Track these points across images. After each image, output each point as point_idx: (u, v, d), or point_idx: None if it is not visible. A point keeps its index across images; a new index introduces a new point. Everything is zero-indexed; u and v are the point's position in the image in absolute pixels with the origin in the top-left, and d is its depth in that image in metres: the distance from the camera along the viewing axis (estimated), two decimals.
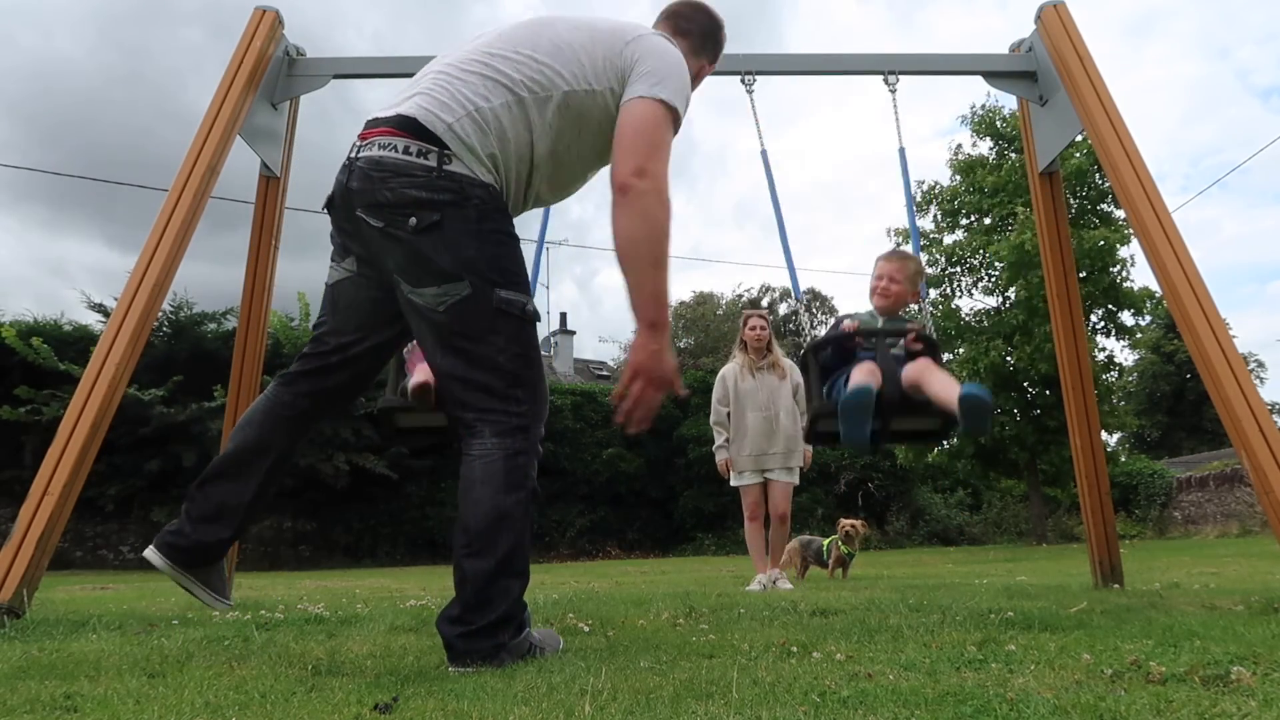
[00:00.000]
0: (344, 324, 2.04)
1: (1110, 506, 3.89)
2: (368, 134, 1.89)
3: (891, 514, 18.98)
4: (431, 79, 1.93)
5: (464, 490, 1.82)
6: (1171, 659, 1.59)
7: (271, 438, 2.04)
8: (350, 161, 1.89)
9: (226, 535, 2.06)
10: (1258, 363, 34.86)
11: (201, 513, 2.02)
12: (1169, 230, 3.07)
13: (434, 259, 1.80)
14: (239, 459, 2.03)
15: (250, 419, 2.06)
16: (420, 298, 1.83)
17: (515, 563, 1.80)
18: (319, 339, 2.07)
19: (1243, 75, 61.82)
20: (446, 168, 1.81)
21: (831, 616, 2.56)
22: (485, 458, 1.81)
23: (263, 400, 2.09)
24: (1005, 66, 3.88)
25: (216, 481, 2.03)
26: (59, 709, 1.36)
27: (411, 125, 1.84)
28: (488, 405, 1.83)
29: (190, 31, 41.89)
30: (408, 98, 1.92)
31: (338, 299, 2.04)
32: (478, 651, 1.74)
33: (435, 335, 1.86)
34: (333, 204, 1.96)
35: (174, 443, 13.38)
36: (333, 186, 1.95)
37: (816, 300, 30.00)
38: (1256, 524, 13.69)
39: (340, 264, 2.02)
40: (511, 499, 1.80)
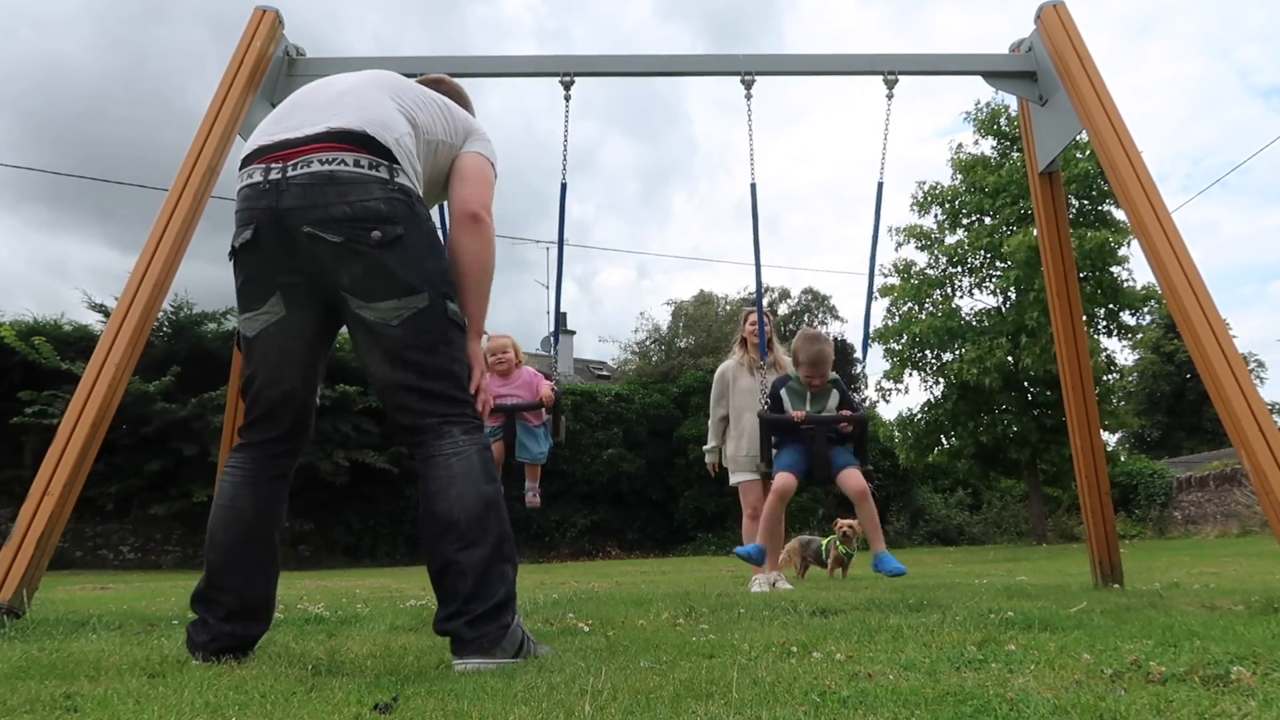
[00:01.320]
0: (280, 373, 1.93)
1: (1110, 506, 3.90)
2: (290, 154, 1.83)
3: (891, 514, 18.98)
4: (351, 98, 1.94)
5: (442, 489, 1.83)
6: (1171, 659, 1.59)
7: (266, 505, 1.96)
8: (275, 183, 1.81)
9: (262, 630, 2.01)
10: (1258, 363, 34.86)
11: (228, 610, 1.91)
12: (1169, 230, 3.07)
13: (397, 272, 1.82)
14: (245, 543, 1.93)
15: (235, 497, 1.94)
16: (373, 313, 1.83)
17: (505, 549, 1.85)
18: (259, 396, 1.95)
19: (1244, 75, 61.83)
20: (398, 180, 1.86)
21: (831, 616, 2.56)
22: (460, 454, 1.85)
23: (239, 474, 1.96)
24: (1005, 66, 3.88)
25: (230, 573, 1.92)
26: (59, 709, 1.36)
27: (359, 138, 1.84)
28: (448, 409, 1.89)
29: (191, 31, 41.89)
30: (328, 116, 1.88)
31: (266, 350, 1.92)
32: (486, 636, 1.76)
33: (386, 349, 1.86)
34: (256, 237, 1.85)
35: (175, 440, 13.39)
36: (247, 219, 1.86)
37: (816, 300, 29.99)
38: (1256, 524, 13.69)
39: (259, 312, 1.90)
40: (492, 488, 1.87)
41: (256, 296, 1.91)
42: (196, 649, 1.89)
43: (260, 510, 1.95)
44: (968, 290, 16.57)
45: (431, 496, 1.84)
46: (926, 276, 16.36)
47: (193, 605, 1.95)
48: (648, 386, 20.13)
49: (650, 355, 26.81)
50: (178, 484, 13.69)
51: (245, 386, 1.98)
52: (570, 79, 3.73)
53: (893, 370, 16.42)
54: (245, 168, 1.90)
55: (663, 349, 26.79)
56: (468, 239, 2.02)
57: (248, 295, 1.93)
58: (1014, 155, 15.52)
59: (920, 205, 16.54)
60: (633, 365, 26.60)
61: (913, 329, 15.77)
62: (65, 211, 42.06)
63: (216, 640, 1.89)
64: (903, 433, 16.83)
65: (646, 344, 27.44)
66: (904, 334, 15.98)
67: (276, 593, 2.03)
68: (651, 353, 26.93)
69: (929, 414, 16.39)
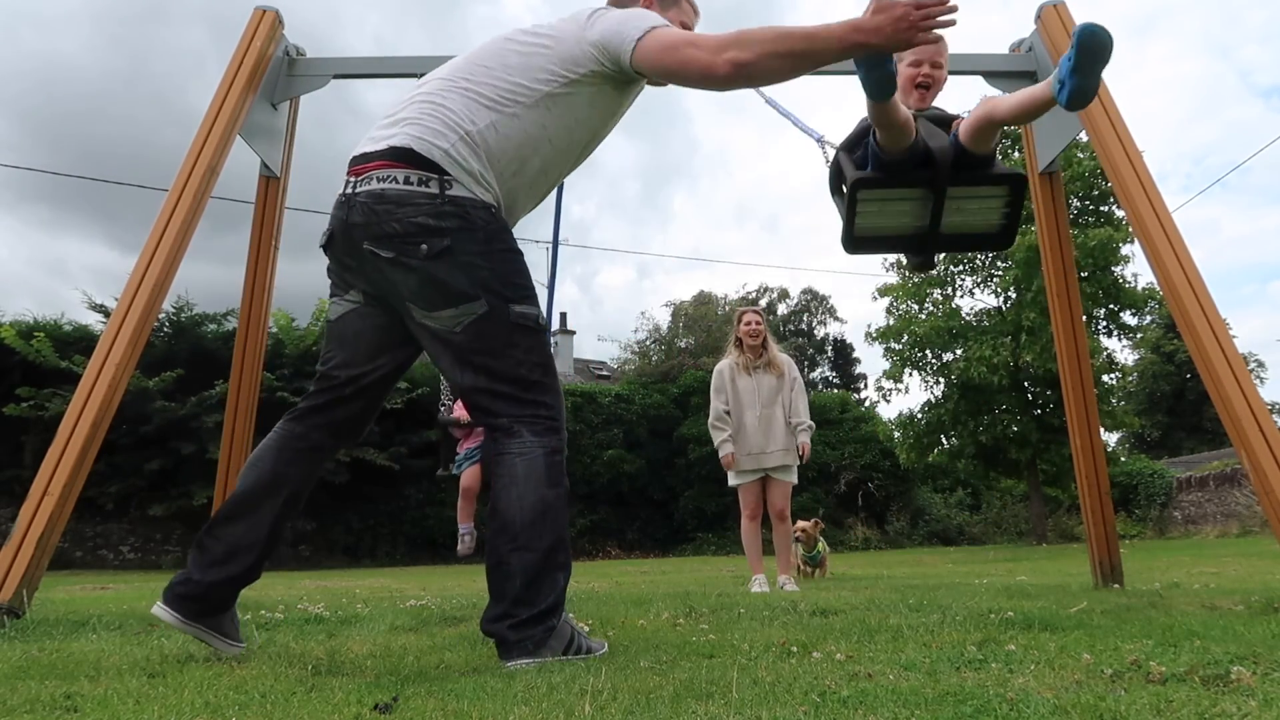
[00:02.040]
0: (355, 357, 2.02)
1: (1110, 506, 3.89)
2: (361, 169, 1.91)
3: (891, 514, 18.98)
4: (416, 108, 1.95)
5: (503, 488, 1.84)
6: (1171, 659, 1.59)
7: (285, 471, 1.97)
8: (348, 197, 1.91)
9: (237, 573, 1.94)
10: (1258, 363, 34.87)
11: (211, 558, 1.91)
12: (1169, 230, 3.07)
13: (449, 282, 1.84)
14: (251, 498, 1.95)
15: (261, 456, 1.99)
16: (435, 321, 1.88)
17: (559, 555, 1.85)
18: (328, 374, 2.03)
19: (1245, 75, 61.83)
20: (449, 193, 1.86)
21: (831, 616, 2.56)
22: (526, 455, 1.86)
23: (273, 437, 2.02)
24: (1005, 66, 3.88)
25: (227, 524, 1.94)
26: (59, 709, 1.36)
27: (407, 155, 1.87)
28: (519, 410, 1.89)
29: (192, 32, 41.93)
30: (394, 129, 1.93)
31: (344, 332, 2.02)
32: (530, 639, 1.77)
33: (454, 355, 1.90)
34: (332, 241, 1.97)
35: (174, 439, 13.39)
36: (329, 224, 1.97)
37: (815, 300, 29.98)
38: (1256, 524, 13.68)
39: (343, 298, 2.02)
40: (554, 493, 1.86)
41: (340, 286, 2.03)
42: (165, 594, 1.89)
43: (276, 474, 1.96)
44: (968, 290, 16.57)
45: (496, 495, 1.86)
46: (927, 276, 16.35)
47: (192, 549, 1.98)
48: (648, 386, 20.13)
49: (650, 355, 26.81)
50: (177, 483, 13.69)
51: (321, 363, 2.06)
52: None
53: (892, 370, 16.42)
54: (346, 174, 1.97)
55: (663, 349, 26.79)
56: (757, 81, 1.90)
57: (333, 284, 2.05)
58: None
59: None
60: (633, 365, 26.60)
61: (913, 329, 15.77)
62: (65, 212, 42.12)
63: (184, 584, 1.89)
64: (903, 432, 16.83)
65: (646, 344, 27.44)
66: (904, 334, 15.98)
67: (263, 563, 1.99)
68: (651, 353, 26.93)
69: (929, 414, 16.39)
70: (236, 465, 3.75)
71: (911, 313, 16.28)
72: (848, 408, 20.48)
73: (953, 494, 20.44)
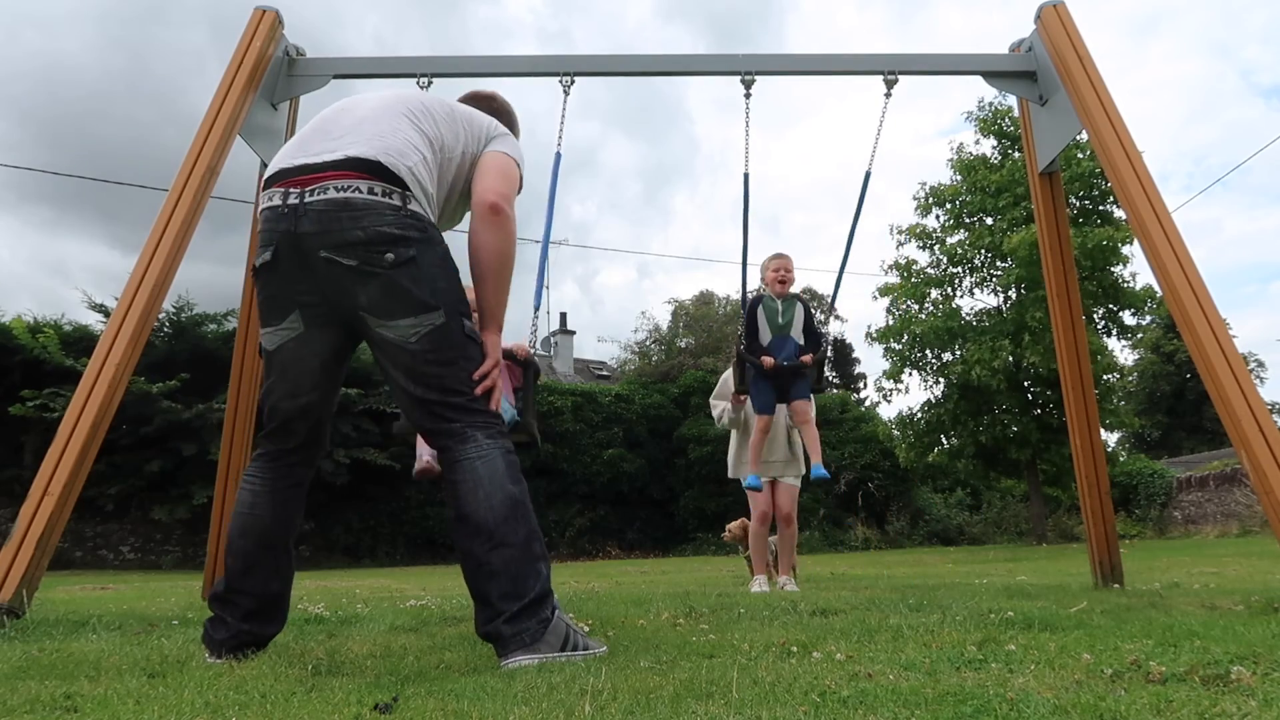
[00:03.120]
0: (298, 387, 1.99)
1: (1110, 506, 3.90)
2: (307, 179, 1.89)
3: (891, 514, 18.98)
4: (371, 126, 1.99)
5: (468, 492, 1.86)
6: (1171, 659, 1.59)
7: (282, 514, 2.02)
8: (293, 208, 1.87)
9: (277, 619, 2.05)
10: (1258, 363, 34.85)
11: (245, 611, 1.96)
12: (1169, 230, 3.07)
13: (412, 291, 1.88)
14: (262, 548, 1.98)
15: (254, 504, 1.99)
16: (392, 330, 1.89)
17: (535, 547, 1.88)
18: (276, 408, 2.01)
19: (1246, 74, 61.83)
20: (409, 207, 1.91)
21: (831, 616, 2.56)
22: (484, 457, 1.89)
23: (259, 482, 2.01)
24: (1005, 66, 3.88)
25: (247, 577, 1.97)
26: (59, 709, 1.36)
27: (374, 167, 1.90)
28: (469, 417, 1.93)
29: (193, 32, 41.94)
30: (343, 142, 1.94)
31: (285, 362, 1.98)
32: (526, 631, 1.78)
33: (407, 364, 1.92)
34: (276, 258, 1.91)
35: (175, 439, 13.39)
36: (267, 240, 1.91)
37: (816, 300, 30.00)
38: (1256, 524, 13.69)
39: (279, 327, 1.97)
40: (518, 489, 1.90)
41: (276, 313, 1.97)
42: (214, 645, 1.94)
43: (277, 519, 2.01)
44: (968, 290, 16.56)
45: (460, 499, 1.87)
46: (927, 275, 16.35)
47: (211, 605, 2.01)
48: (648, 386, 20.14)
49: (650, 355, 26.80)
50: (178, 484, 13.70)
51: (264, 398, 2.04)
52: (570, 79, 3.73)
53: (892, 370, 16.41)
54: (267, 189, 1.95)
55: (663, 349, 26.78)
56: (485, 231, 2.04)
57: (268, 311, 1.99)
58: (1015, 155, 15.52)
59: (923, 207, 16.52)
60: (633, 365, 26.60)
61: (913, 329, 15.76)
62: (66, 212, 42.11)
63: (234, 638, 1.95)
64: (902, 432, 16.81)
65: (647, 344, 27.43)
66: (904, 333, 15.96)
67: (291, 593, 2.10)
68: (651, 353, 26.92)
69: (929, 413, 16.38)
70: (236, 465, 3.75)
71: (911, 312, 16.27)
72: (848, 408, 20.48)
73: (953, 494, 20.43)
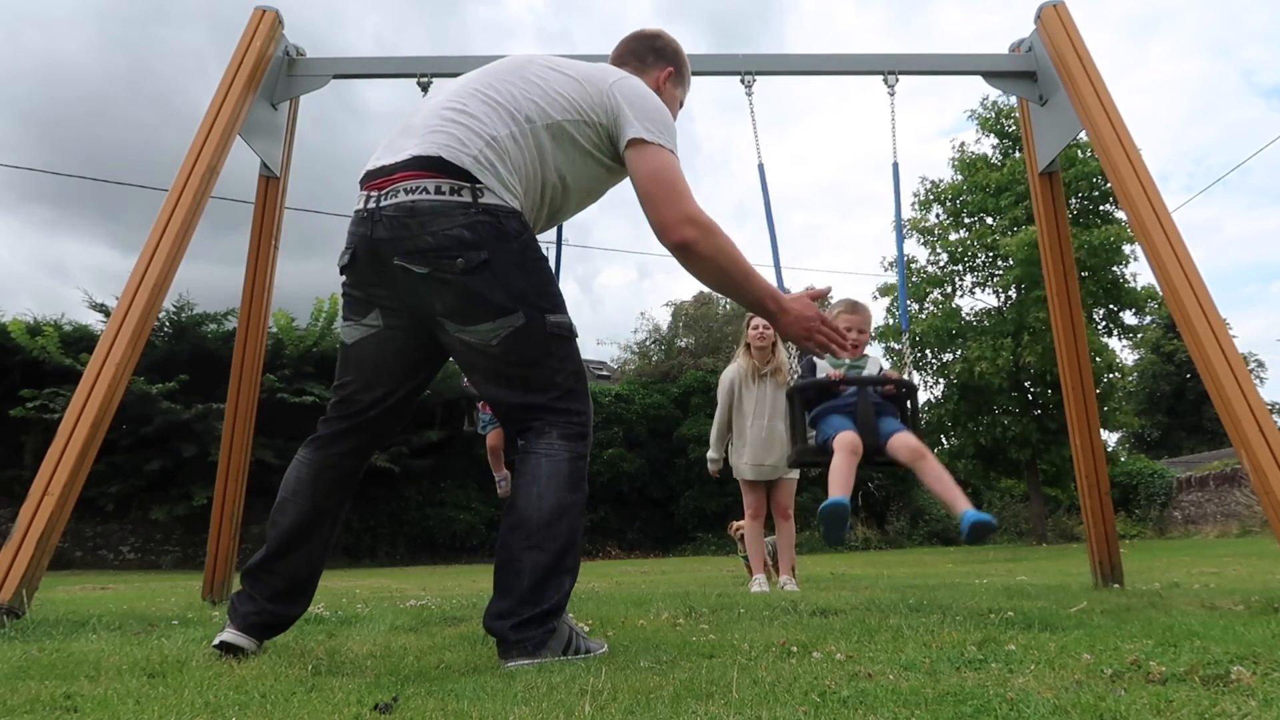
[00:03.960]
0: (374, 381, 1.97)
1: (1110, 506, 3.89)
2: (383, 182, 1.84)
3: (891, 514, 18.99)
4: (436, 117, 1.89)
5: (525, 485, 1.84)
6: (1171, 659, 1.58)
7: (325, 503, 1.97)
8: (370, 213, 1.83)
9: (304, 601, 2.02)
10: (1258, 363, 34.88)
11: (274, 590, 1.94)
12: (1169, 230, 3.07)
13: (488, 296, 1.81)
14: (299, 534, 1.95)
15: (297, 490, 1.96)
16: (472, 335, 1.84)
17: (569, 559, 1.85)
18: (348, 399, 1.98)
19: (1247, 74, 61.86)
20: (482, 201, 1.81)
21: (831, 616, 2.56)
22: (551, 456, 1.86)
23: (304, 469, 1.98)
24: (1005, 66, 3.88)
25: (281, 559, 1.95)
26: (59, 709, 1.36)
27: (437, 163, 1.81)
28: (550, 416, 1.89)
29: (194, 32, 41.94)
30: (414, 138, 1.87)
31: (363, 357, 1.96)
32: (530, 640, 1.77)
33: (489, 367, 1.88)
34: (355, 261, 1.89)
35: (175, 440, 13.39)
36: (349, 243, 1.90)
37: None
38: (1256, 524, 13.68)
39: (360, 321, 1.94)
40: (573, 498, 1.86)
41: (357, 309, 1.95)
42: (237, 618, 1.92)
43: (317, 507, 1.97)
44: (969, 289, 16.56)
45: (516, 491, 1.86)
46: (927, 275, 16.34)
47: (243, 579, 1.98)
48: (648, 386, 20.14)
49: (650, 355, 26.80)
50: (178, 484, 13.70)
51: (336, 389, 2.00)
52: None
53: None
54: (361, 190, 1.91)
55: (663, 349, 26.77)
56: (692, 270, 1.93)
57: (350, 306, 1.96)
58: (1016, 155, 15.51)
59: (922, 204, 16.52)
60: (633, 365, 26.59)
61: (913, 328, 15.76)
62: (67, 212, 42.14)
63: (259, 615, 1.93)
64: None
65: (647, 344, 27.43)
66: None
67: (319, 579, 2.06)
68: (651, 353, 26.92)
69: (929, 413, 16.38)
70: (236, 465, 3.75)
71: (911, 312, 16.27)
72: None
73: None
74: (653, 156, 1.91)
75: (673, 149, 1.96)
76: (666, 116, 2.00)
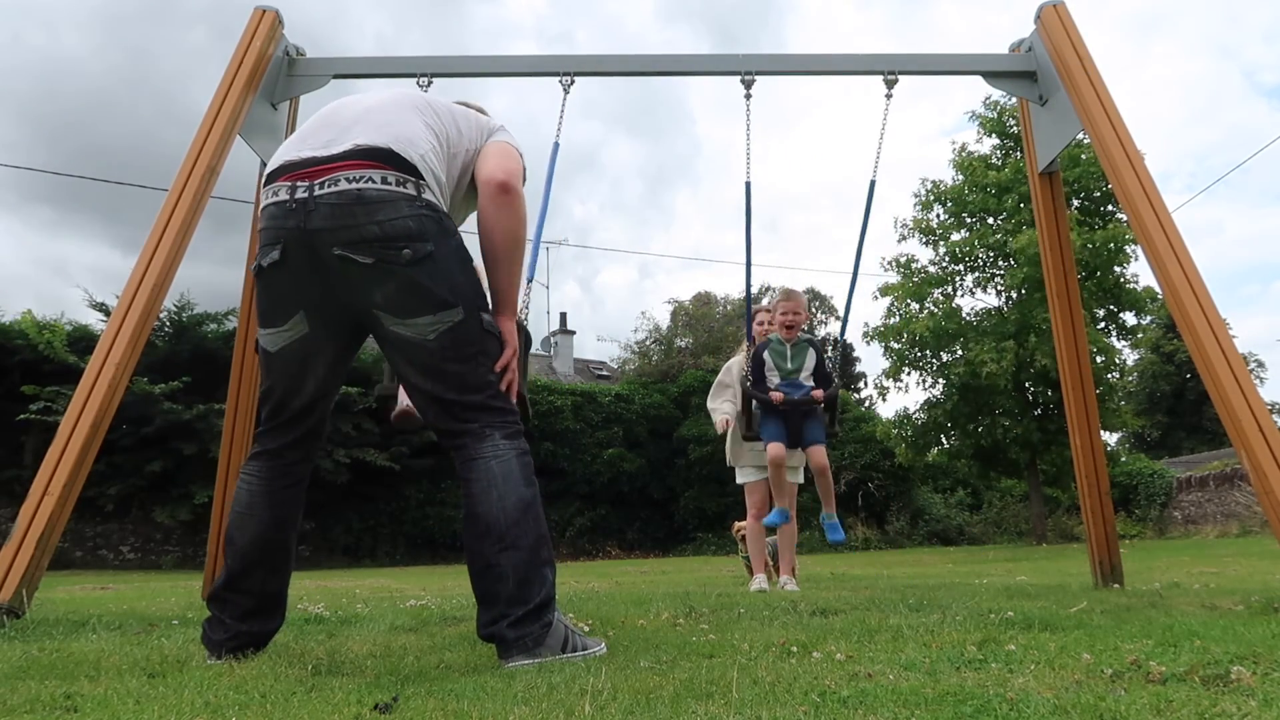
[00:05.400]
0: (300, 385, 1.95)
1: (1110, 506, 3.89)
2: (315, 171, 1.81)
3: (891, 514, 18.99)
4: (378, 115, 1.94)
5: (482, 491, 1.84)
6: (1171, 659, 1.59)
7: (281, 512, 1.98)
8: (301, 203, 1.79)
9: (276, 617, 2.01)
10: (1258, 363, 34.87)
11: (244, 610, 1.93)
12: (1169, 231, 3.07)
13: (431, 288, 1.82)
14: (259, 547, 1.94)
15: (252, 504, 1.95)
16: (409, 328, 1.84)
17: (544, 551, 1.86)
18: (280, 406, 1.97)
19: (1249, 74, 61.85)
20: (424, 196, 1.85)
21: (831, 616, 2.56)
22: (500, 457, 1.87)
23: (256, 481, 1.97)
24: (1005, 66, 3.88)
25: (246, 577, 1.93)
26: (59, 709, 1.36)
27: (386, 155, 1.83)
28: (489, 416, 1.90)
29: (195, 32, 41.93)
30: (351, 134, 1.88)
31: (288, 363, 1.93)
32: (529, 636, 1.77)
33: (425, 362, 1.87)
34: (285, 258, 1.82)
35: (175, 440, 13.39)
36: (273, 238, 1.83)
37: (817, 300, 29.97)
38: (1256, 524, 13.68)
39: (281, 329, 1.90)
40: (530, 491, 1.88)
41: (280, 314, 1.90)
42: (214, 646, 1.91)
43: (276, 517, 1.97)
44: (969, 289, 16.55)
45: (473, 499, 1.85)
46: (928, 275, 16.33)
47: (209, 604, 1.98)
48: (648, 386, 20.15)
49: (650, 355, 26.80)
50: (178, 484, 13.70)
51: (264, 398, 1.99)
52: (570, 79, 3.73)
53: (891, 369, 16.40)
54: (270, 184, 1.87)
55: (663, 349, 26.78)
56: (495, 211, 1.98)
57: (271, 312, 1.92)
58: (1016, 155, 15.51)
59: (924, 204, 16.51)
60: (633, 365, 26.59)
61: (913, 328, 15.75)
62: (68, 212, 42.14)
63: (233, 639, 1.92)
64: (900, 429, 16.78)
65: (647, 344, 27.43)
66: (904, 333, 15.95)
67: (289, 590, 2.07)
68: (651, 353, 26.91)
69: (928, 413, 16.37)
70: (236, 465, 3.75)
71: (911, 312, 16.25)
72: (848, 408, 20.48)
73: (953, 494, 20.44)
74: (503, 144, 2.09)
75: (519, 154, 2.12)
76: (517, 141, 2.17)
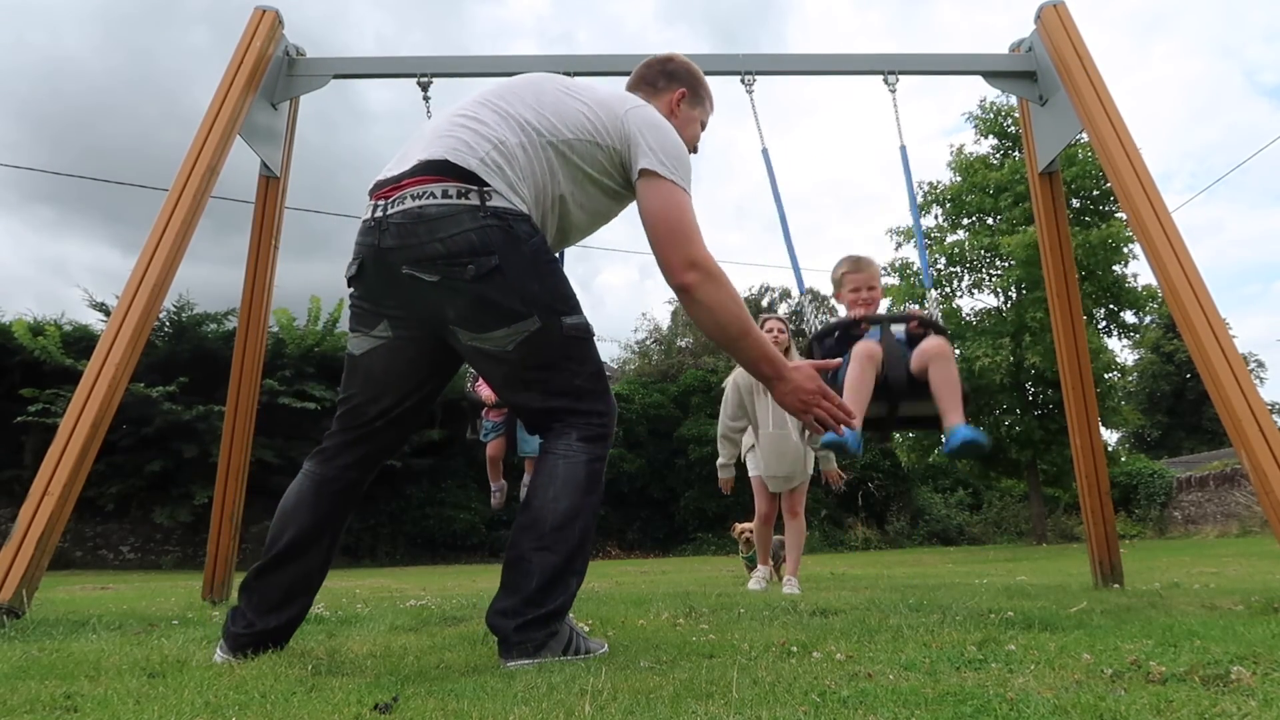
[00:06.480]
0: (382, 392, 1.94)
1: (1110, 506, 3.90)
2: (390, 190, 1.82)
3: (891, 514, 18.98)
4: (446, 124, 1.88)
5: (541, 486, 1.83)
6: (1171, 659, 1.58)
7: (324, 520, 1.94)
8: (378, 221, 1.81)
9: (297, 614, 1.97)
10: (1258, 363, 34.92)
11: (268, 603, 1.90)
12: (1169, 231, 3.07)
13: (501, 302, 1.78)
14: (297, 547, 1.91)
15: (297, 506, 1.93)
16: (487, 342, 1.82)
17: (578, 561, 1.84)
18: (355, 410, 1.95)
19: (1250, 74, 61.88)
20: (490, 204, 1.77)
21: (831, 616, 2.56)
22: (569, 458, 1.85)
23: (306, 481, 1.95)
24: (1005, 66, 3.88)
25: (278, 570, 1.91)
26: (59, 709, 1.36)
27: (443, 167, 1.79)
28: (572, 418, 1.88)
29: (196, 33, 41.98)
30: (420, 147, 1.86)
31: (371, 368, 1.92)
32: (532, 641, 1.77)
33: (508, 374, 1.86)
34: (363, 271, 1.86)
35: (175, 440, 13.38)
36: (356, 253, 1.87)
37: (817, 300, 30.02)
38: (1256, 524, 13.69)
39: (369, 333, 1.91)
40: (588, 501, 1.84)
41: (366, 320, 1.92)
42: (230, 639, 1.89)
43: (319, 521, 1.94)
44: (967, 290, 16.56)
45: (533, 489, 1.85)
46: None
47: (240, 592, 1.96)
48: (648, 386, 20.13)
49: (650, 355, 26.79)
50: (178, 484, 13.69)
51: (341, 402, 1.97)
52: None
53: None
54: (369, 200, 1.88)
55: (663, 349, 26.77)
56: (691, 313, 1.90)
57: (358, 317, 1.93)
58: (1015, 155, 15.51)
59: (921, 206, 16.52)
60: (633, 365, 26.59)
61: None
62: (68, 212, 42.18)
63: (249, 630, 1.89)
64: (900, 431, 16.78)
65: (647, 344, 27.42)
66: None
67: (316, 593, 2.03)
68: (652, 353, 26.91)
69: None
70: (236, 464, 3.75)
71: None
72: None
73: (953, 494, 20.44)
74: (665, 194, 1.89)
75: (686, 187, 1.92)
76: (682, 151, 1.97)
